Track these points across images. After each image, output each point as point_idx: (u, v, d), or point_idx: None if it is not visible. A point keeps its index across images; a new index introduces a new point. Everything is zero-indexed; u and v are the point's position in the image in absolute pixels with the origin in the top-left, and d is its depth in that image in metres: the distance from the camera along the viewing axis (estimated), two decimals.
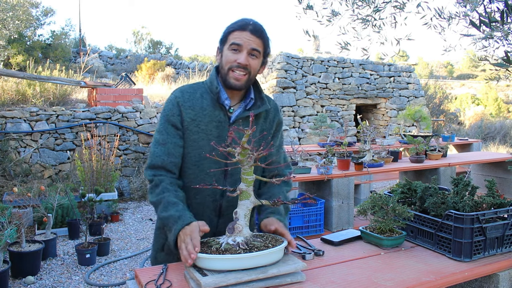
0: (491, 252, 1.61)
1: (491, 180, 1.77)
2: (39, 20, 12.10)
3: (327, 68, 9.73)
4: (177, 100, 1.60)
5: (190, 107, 1.59)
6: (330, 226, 3.73)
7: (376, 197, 1.73)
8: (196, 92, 1.62)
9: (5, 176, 5.80)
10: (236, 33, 1.54)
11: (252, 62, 1.56)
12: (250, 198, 1.39)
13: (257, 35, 1.55)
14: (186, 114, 1.58)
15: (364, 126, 4.10)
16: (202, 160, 1.57)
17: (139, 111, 7.07)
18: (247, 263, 1.26)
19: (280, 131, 1.74)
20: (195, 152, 1.58)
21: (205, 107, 1.59)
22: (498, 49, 1.86)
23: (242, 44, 1.53)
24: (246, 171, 1.37)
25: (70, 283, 3.58)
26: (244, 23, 1.55)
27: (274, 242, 1.35)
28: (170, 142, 1.57)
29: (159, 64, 12.78)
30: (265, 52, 1.61)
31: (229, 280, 1.23)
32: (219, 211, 1.63)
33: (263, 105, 1.64)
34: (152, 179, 1.56)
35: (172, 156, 1.57)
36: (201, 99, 1.61)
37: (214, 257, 1.26)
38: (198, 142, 1.58)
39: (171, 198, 1.49)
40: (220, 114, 1.60)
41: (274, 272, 1.27)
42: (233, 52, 1.55)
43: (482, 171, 5.01)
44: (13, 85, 7.44)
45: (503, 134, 13.42)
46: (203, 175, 1.58)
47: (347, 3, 2.19)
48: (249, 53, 1.55)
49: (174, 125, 1.58)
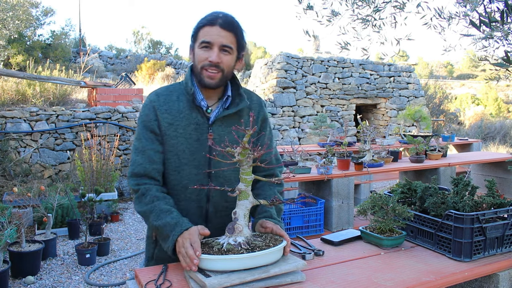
0: (491, 252, 1.61)
1: (491, 180, 1.77)
2: (39, 20, 12.11)
3: (327, 68, 9.73)
4: (153, 104, 1.54)
5: (166, 110, 1.53)
6: (330, 226, 3.73)
7: (376, 197, 1.73)
8: (172, 95, 1.56)
9: (5, 176, 5.80)
10: (205, 29, 1.47)
11: (225, 59, 1.49)
12: (249, 198, 1.38)
13: (228, 29, 1.47)
14: (163, 118, 1.52)
15: (364, 126, 4.10)
16: (183, 165, 1.52)
17: (139, 111, 7.07)
18: (249, 263, 1.26)
19: (266, 127, 1.65)
20: (175, 158, 1.52)
21: (181, 109, 1.53)
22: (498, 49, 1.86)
23: (212, 42, 1.46)
24: (245, 171, 1.37)
25: (70, 283, 3.58)
26: (213, 17, 1.47)
27: (274, 241, 1.35)
28: (150, 149, 1.51)
29: (159, 64, 12.78)
30: (239, 46, 1.53)
31: (233, 280, 1.22)
32: (205, 216, 1.57)
33: (242, 101, 1.57)
34: (137, 188, 1.50)
35: (154, 163, 1.51)
36: (177, 101, 1.54)
37: (217, 258, 1.26)
38: (177, 146, 1.52)
39: (163, 206, 1.44)
40: (197, 116, 1.53)
41: (276, 271, 1.27)
42: (204, 50, 1.48)
43: (482, 171, 5.01)
44: (13, 85, 7.44)
45: (503, 134, 13.42)
46: (185, 180, 1.53)
47: (347, 3, 2.19)
48: (221, 49, 1.47)
49: (152, 130, 1.52)
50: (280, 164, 1.71)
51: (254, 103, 1.63)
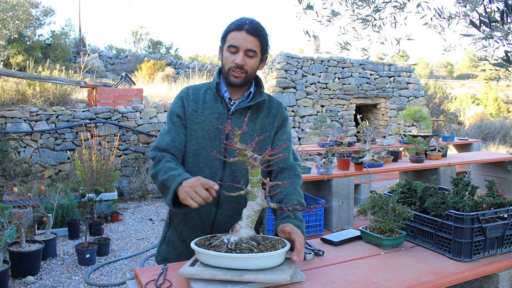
0: (491, 252, 1.61)
1: (491, 180, 1.77)
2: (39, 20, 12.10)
3: (327, 68, 9.73)
4: (182, 95, 1.73)
5: (193, 100, 1.70)
6: (330, 226, 3.73)
7: (376, 197, 1.73)
8: (201, 89, 1.74)
9: (5, 176, 5.80)
10: (233, 34, 1.61)
11: (249, 62, 1.63)
12: (256, 199, 1.36)
13: (253, 34, 1.60)
14: (189, 106, 1.69)
15: (364, 126, 4.10)
16: (201, 149, 1.65)
17: (139, 111, 7.07)
18: (225, 263, 1.25)
19: (285, 126, 1.76)
20: (195, 141, 1.66)
21: (207, 100, 1.70)
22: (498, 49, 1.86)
23: (238, 46, 1.60)
24: (250, 171, 1.35)
25: (70, 283, 3.58)
26: (241, 23, 1.61)
27: (271, 247, 1.32)
28: (174, 130, 1.67)
29: (159, 64, 12.78)
30: (263, 50, 1.66)
31: (204, 274, 1.25)
32: (217, 201, 1.64)
33: (261, 96, 1.70)
34: (155, 155, 1.64)
35: (176, 142, 1.66)
36: (204, 94, 1.72)
37: (198, 250, 1.30)
38: (198, 131, 1.66)
39: (171, 165, 1.56)
40: (220, 106, 1.68)
41: (251, 278, 1.23)
42: (231, 53, 1.62)
43: (482, 171, 5.01)
44: (13, 85, 7.43)
45: (503, 134, 13.42)
46: (202, 164, 1.65)
47: (347, 3, 2.19)
48: (246, 53, 1.61)
49: (178, 115, 1.69)
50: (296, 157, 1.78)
51: (274, 104, 1.77)
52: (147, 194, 6.54)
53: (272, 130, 1.71)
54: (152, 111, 7.19)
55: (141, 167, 6.80)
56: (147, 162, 6.86)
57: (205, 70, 12.97)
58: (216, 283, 1.24)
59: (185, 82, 11.19)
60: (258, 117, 1.69)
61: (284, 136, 1.74)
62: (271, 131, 1.70)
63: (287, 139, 1.75)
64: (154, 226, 5.21)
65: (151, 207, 6.06)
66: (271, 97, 1.79)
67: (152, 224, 5.31)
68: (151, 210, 5.90)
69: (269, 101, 1.75)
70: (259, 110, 1.71)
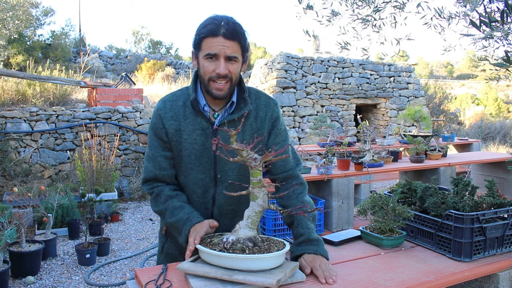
0: (491, 252, 1.61)
1: (491, 180, 1.77)
2: (39, 20, 12.10)
3: (327, 68, 9.72)
4: (159, 112, 1.56)
5: (172, 117, 1.54)
6: (330, 226, 3.73)
7: (376, 197, 1.73)
8: (178, 100, 1.57)
9: (5, 176, 5.80)
10: (208, 40, 1.43)
11: (232, 68, 1.46)
12: (257, 200, 1.36)
13: (231, 38, 1.43)
14: (169, 125, 1.54)
15: (364, 126, 4.10)
16: (189, 170, 1.56)
17: (139, 111, 7.07)
18: (219, 261, 1.29)
19: (277, 126, 1.61)
20: (182, 163, 1.57)
21: (187, 115, 1.54)
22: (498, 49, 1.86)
23: (217, 53, 1.43)
24: (251, 172, 1.35)
25: (70, 283, 3.58)
26: (215, 26, 1.42)
27: (266, 249, 1.31)
28: (159, 156, 1.57)
29: (159, 64, 12.78)
30: (243, 51, 1.50)
31: (197, 270, 1.28)
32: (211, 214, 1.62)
33: (246, 106, 1.54)
34: (152, 191, 1.60)
35: (163, 170, 1.58)
36: (183, 107, 1.55)
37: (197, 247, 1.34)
38: (183, 152, 1.54)
39: (176, 203, 1.53)
40: (202, 121, 1.53)
41: (239, 279, 1.24)
42: (210, 62, 1.45)
43: (482, 171, 5.00)
44: (13, 85, 7.43)
45: (503, 134, 13.42)
46: (192, 184, 1.59)
47: (347, 3, 2.19)
48: (226, 60, 1.45)
49: (160, 138, 1.56)
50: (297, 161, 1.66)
51: (261, 105, 1.59)
52: (147, 194, 6.53)
53: (264, 133, 1.57)
54: (152, 111, 7.19)
55: (141, 167, 6.80)
56: None
57: None
58: (215, 281, 1.26)
59: (185, 82, 11.19)
60: (246, 125, 1.54)
61: (278, 138, 1.61)
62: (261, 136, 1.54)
63: (283, 140, 1.62)
64: (154, 226, 5.21)
65: (151, 207, 6.06)
66: (258, 94, 1.62)
67: (152, 224, 5.31)
68: (151, 210, 5.88)
69: (255, 103, 1.58)
70: (246, 117, 1.54)
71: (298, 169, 1.64)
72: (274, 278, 1.24)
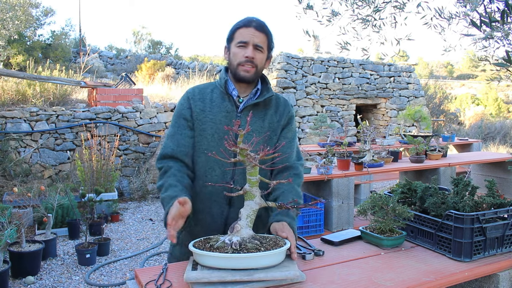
0: (491, 252, 1.61)
1: (491, 180, 1.77)
2: (39, 20, 12.09)
3: (327, 68, 9.72)
4: (188, 95, 1.73)
5: (199, 99, 1.70)
6: (330, 226, 3.73)
7: (376, 197, 1.73)
8: (207, 88, 1.74)
9: (5, 176, 5.80)
10: (241, 30, 1.65)
11: (258, 56, 1.65)
12: (254, 199, 1.37)
13: (261, 30, 1.65)
14: (196, 106, 1.68)
15: (364, 126, 4.10)
16: (211, 148, 1.64)
17: (139, 111, 7.07)
18: (233, 263, 1.25)
19: (291, 124, 1.78)
20: (204, 141, 1.66)
21: (214, 99, 1.70)
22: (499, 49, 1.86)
23: (247, 41, 1.63)
24: (249, 171, 1.36)
25: (70, 283, 3.58)
26: (248, 20, 1.66)
27: (273, 245, 1.33)
28: (179, 133, 1.68)
29: (159, 64, 12.77)
30: (269, 47, 1.70)
31: (211, 277, 1.23)
32: (229, 199, 1.65)
33: (269, 92, 1.72)
34: (161, 166, 1.65)
35: (181, 146, 1.66)
36: (211, 93, 1.72)
37: (202, 253, 1.28)
38: (207, 131, 1.66)
39: (172, 181, 1.57)
40: (228, 104, 1.68)
41: (261, 277, 1.24)
42: (241, 48, 1.64)
43: (482, 171, 5.00)
44: (13, 85, 7.43)
45: (503, 134, 13.42)
46: (212, 163, 1.65)
47: (347, 3, 2.19)
48: (254, 48, 1.64)
49: (184, 117, 1.69)
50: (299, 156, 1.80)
51: (281, 102, 1.78)
52: (147, 194, 6.54)
53: (279, 128, 1.72)
54: (152, 111, 7.19)
55: (141, 167, 6.80)
56: (147, 162, 6.86)
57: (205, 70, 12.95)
58: (217, 284, 1.24)
59: (185, 82, 11.18)
60: (266, 114, 1.70)
61: (289, 134, 1.76)
62: (277, 128, 1.71)
63: (292, 137, 1.77)
64: (154, 226, 5.21)
65: (151, 207, 6.06)
66: (278, 94, 1.81)
67: (152, 224, 5.31)
68: (151, 210, 5.89)
69: (276, 97, 1.76)
70: (267, 107, 1.72)
71: (299, 163, 1.77)
72: (293, 270, 1.28)
